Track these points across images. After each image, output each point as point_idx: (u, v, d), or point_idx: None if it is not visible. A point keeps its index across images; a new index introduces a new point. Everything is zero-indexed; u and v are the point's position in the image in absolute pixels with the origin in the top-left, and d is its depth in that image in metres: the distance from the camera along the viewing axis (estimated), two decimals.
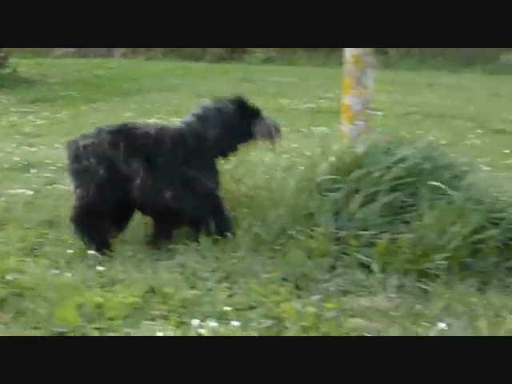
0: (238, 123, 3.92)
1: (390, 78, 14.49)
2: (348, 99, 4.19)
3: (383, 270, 3.43)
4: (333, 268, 3.51)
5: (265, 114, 4.04)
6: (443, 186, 3.64)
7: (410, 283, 3.34)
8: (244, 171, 4.31)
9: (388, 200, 3.66)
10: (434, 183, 3.67)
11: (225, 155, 3.95)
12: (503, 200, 3.80)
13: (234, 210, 4.01)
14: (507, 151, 7.05)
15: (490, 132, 8.37)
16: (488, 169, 6.11)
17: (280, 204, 3.82)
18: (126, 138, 3.85)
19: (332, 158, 3.91)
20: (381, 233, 3.56)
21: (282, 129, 3.97)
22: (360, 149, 3.88)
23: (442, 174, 3.81)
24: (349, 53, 4.16)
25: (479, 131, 8.34)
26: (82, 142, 3.86)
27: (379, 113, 9.26)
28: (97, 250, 3.74)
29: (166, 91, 12.29)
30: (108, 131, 3.87)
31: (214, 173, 3.87)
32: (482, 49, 18.43)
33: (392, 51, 19.21)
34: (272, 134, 3.95)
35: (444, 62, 18.57)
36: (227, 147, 3.93)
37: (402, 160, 3.81)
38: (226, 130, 3.87)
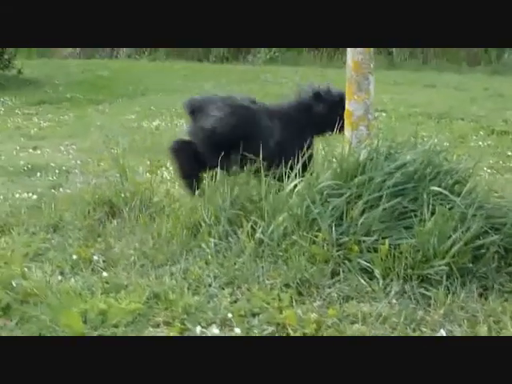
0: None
1: (393, 78, 14.59)
2: (350, 105, 4.21)
3: (385, 276, 3.45)
4: (335, 274, 3.53)
5: None
6: (444, 192, 3.66)
7: (412, 289, 3.37)
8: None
9: (390, 206, 3.69)
10: (435, 188, 3.69)
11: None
12: (504, 205, 3.83)
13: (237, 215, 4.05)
14: (510, 153, 7.04)
15: (493, 133, 8.36)
16: (490, 172, 6.18)
17: (283, 209, 3.84)
18: None
19: (334, 164, 3.93)
20: (383, 238, 3.58)
21: None
22: (362, 155, 3.90)
23: (444, 179, 3.83)
24: (350, 59, 4.18)
25: (481, 133, 8.33)
26: None
27: (383, 114, 9.33)
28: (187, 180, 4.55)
29: (171, 92, 12.34)
30: None
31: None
32: (484, 49, 18.47)
33: (396, 52, 19.24)
34: None
35: (447, 62, 18.58)
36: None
37: (403, 165, 3.83)
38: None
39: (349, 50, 4.18)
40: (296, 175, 4.01)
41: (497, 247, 3.61)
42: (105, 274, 3.62)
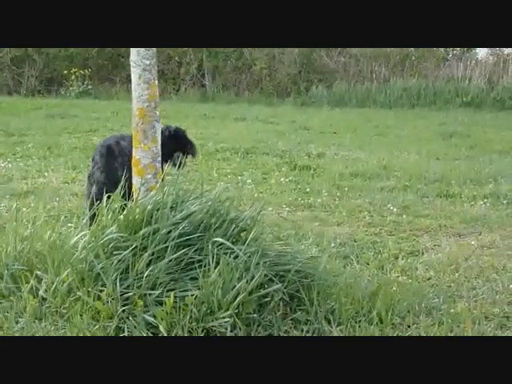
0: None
1: (205, 111, 14.73)
2: (137, 153, 4.15)
3: (170, 330, 3.41)
4: (120, 330, 3.45)
5: None
6: (226, 242, 3.67)
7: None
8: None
9: (175, 257, 3.65)
10: (218, 239, 3.69)
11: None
12: (289, 251, 3.89)
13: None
14: (308, 189, 7.24)
15: (295, 168, 8.58)
16: (289, 209, 6.32)
17: (67, 265, 3.71)
18: None
19: (121, 216, 3.85)
20: (168, 291, 3.54)
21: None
22: (148, 205, 3.84)
23: (229, 228, 3.84)
24: (135, 106, 4.13)
25: (284, 169, 8.53)
26: None
27: None
28: None
29: None
30: None
31: None
32: (294, 81, 19.11)
33: (209, 84, 19.50)
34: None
35: (259, 94, 19.03)
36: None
37: (189, 215, 3.82)
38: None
39: (134, 97, 4.13)
40: (82, 227, 3.90)
41: (281, 294, 3.66)
42: None
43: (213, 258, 3.62)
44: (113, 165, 4.83)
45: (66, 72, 19.32)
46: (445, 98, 18.01)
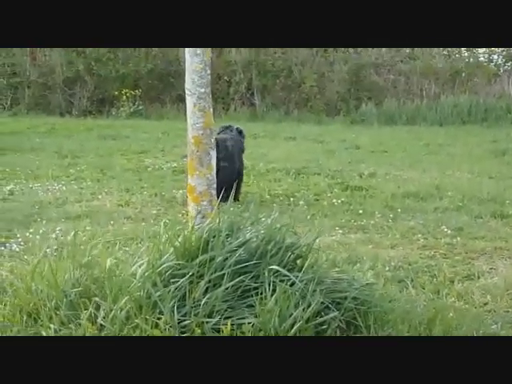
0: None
1: (254, 131, 14.78)
2: (192, 180, 4.19)
3: None
4: None
5: None
6: (282, 270, 3.69)
7: None
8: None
9: (232, 284, 3.67)
10: (274, 267, 3.71)
11: None
12: (345, 279, 3.89)
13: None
14: (361, 211, 7.21)
15: (347, 189, 8.56)
16: (342, 232, 6.30)
17: (125, 293, 3.75)
18: None
19: (177, 243, 3.89)
20: (225, 319, 3.56)
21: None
22: (205, 232, 3.88)
23: (285, 254, 3.85)
24: (190, 134, 4.17)
25: (336, 190, 8.51)
26: None
27: None
28: None
29: (28, 152, 11.99)
30: None
31: None
32: (343, 99, 19.08)
33: (258, 103, 19.56)
34: None
35: (308, 112, 19.03)
36: None
37: (245, 243, 3.84)
38: None
39: (189, 125, 4.18)
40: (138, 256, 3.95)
41: (338, 322, 3.66)
42: None
43: (269, 285, 3.64)
44: None
45: (116, 93, 19.56)
46: (496, 114, 17.80)
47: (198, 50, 4.09)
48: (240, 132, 8.38)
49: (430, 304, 4.32)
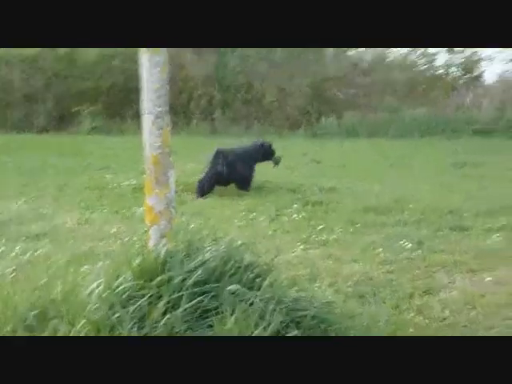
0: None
1: (216, 145, 14.71)
2: (150, 200, 4.14)
3: None
4: None
5: None
6: (241, 289, 3.67)
7: None
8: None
9: (191, 305, 3.64)
10: (232, 287, 3.68)
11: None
12: (304, 297, 3.88)
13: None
14: (322, 226, 7.21)
15: (308, 204, 8.56)
16: (303, 247, 6.30)
17: (82, 315, 3.70)
18: None
19: (135, 263, 3.84)
20: None
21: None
22: (162, 252, 3.84)
23: (245, 274, 3.84)
24: (148, 153, 4.13)
25: (296, 206, 8.50)
26: None
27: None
28: None
29: None
30: None
31: None
32: (305, 112, 19.16)
33: (218, 118, 19.57)
34: None
35: (270, 126, 19.06)
36: None
37: (204, 263, 3.81)
38: None
39: (146, 144, 4.13)
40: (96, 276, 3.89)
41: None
42: None
43: (228, 305, 3.61)
44: None
45: (76, 108, 19.43)
46: (455, 126, 18.03)
47: (156, 68, 4.04)
48: (261, 145, 10.10)
49: (391, 319, 4.33)
